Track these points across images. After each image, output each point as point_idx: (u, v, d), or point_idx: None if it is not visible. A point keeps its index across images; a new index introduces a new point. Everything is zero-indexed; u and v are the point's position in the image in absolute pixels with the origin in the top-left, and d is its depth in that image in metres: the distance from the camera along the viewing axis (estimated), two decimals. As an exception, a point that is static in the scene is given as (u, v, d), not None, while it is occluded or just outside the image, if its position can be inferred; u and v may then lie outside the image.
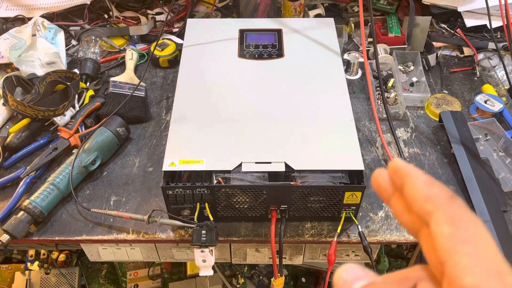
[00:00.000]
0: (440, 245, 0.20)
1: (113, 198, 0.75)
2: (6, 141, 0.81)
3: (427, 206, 0.22)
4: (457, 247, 0.20)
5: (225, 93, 0.76)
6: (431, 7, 1.05)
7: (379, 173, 0.25)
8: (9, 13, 1.08)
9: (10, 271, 1.30)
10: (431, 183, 0.22)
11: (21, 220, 0.68)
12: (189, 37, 0.89)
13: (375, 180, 0.26)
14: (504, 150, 0.80)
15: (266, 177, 0.65)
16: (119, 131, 0.80)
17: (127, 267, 1.30)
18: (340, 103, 0.74)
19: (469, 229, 0.20)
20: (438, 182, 0.23)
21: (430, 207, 0.21)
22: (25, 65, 0.91)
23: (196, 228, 0.66)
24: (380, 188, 0.25)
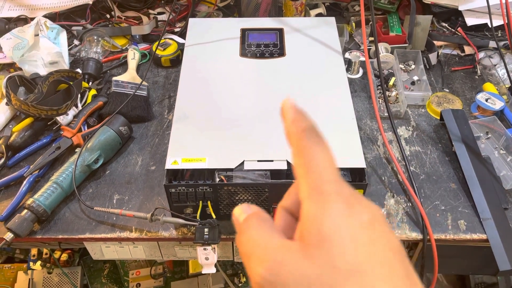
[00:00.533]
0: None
1: (116, 197, 0.75)
2: (9, 140, 0.82)
3: (293, 141, 0.28)
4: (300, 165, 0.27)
5: (227, 92, 0.77)
6: (432, 6, 1.05)
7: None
8: (11, 13, 1.09)
9: (12, 270, 1.30)
10: (293, 122, 0.29)
11: (25, 219, 0.69)
12: (191, 37, 0.89)
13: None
14: (505, 148, 0.80)
15: (268, 175, 0.65)
16: (121, 130, 0.80)
17: (129, 266, 1.31)
18: (341, 102, 0.75)
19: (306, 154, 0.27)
20: (299, 119, 0.29)
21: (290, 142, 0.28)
22: (28, 65, 0.92)
23: (198, 226, 0.66)
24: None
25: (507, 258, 0.66)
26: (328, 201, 0.24)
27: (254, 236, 0.26)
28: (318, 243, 0.23)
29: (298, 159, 0.27)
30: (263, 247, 0.25)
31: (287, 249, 0.24)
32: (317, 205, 0.24)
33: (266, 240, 0.26)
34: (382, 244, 0.24)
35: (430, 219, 0.71)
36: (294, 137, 0.28)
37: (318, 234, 0.23)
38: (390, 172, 0.79)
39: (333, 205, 0.24)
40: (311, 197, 0.25)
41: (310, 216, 0.24)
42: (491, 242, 0.68)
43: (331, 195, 0.24)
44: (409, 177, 0.76)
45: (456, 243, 0.71)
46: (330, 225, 0.23)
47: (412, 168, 0.79)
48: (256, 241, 0.26)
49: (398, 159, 0.80)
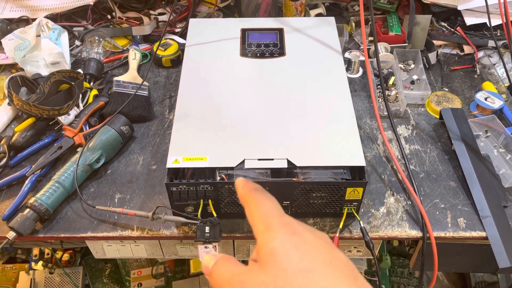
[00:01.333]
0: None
1: (117, 196, 0.76)
2: (11, 140, 0.82)
3: (242, 201, 0.36)
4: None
5: (227, 91, 0.77)
6: (431, 5, 1.06)
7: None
8: (13, 14, 1.09)
9: (14, 270, 1.31)
10: (243, 187, 0.36)
11: (27, 218, 0.69)
12: (191, 37, 0.90)
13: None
14: (505, 146, 0.80)
15: (268, 174, 0.66)
16: (123, 129, 0.81)
17: (130, 266, 1.31)
18: (341, 101, 0.75)
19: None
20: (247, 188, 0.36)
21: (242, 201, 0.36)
22: (29, 65, 0.93)
23: (199, 224, 0.67)
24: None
25: (506, 256, 0.67)
26: (275, 230, 0.31)
27: (222, 271, 0.32)
28: (269, 257, 0.29)
29: (249, 208, 0.34)
30: (230, 276, 0.31)
31: (247, 270, 0.30)
32: (267, 234, 0.31)
33: (232, 270, 0.31)
34: (326, 250, 0.29)
35: (430, 217, 0.72)
36: (245, 196, 0.35)
37: (268, 251, 0.30)
38: (389, 171, 0.79)
39: (279, 231, 0.31)
40: (263, 232, 0.31)
41: (262, 242, 0.31)
42: (491, 239, 0.69)
43: (277, 226, 0.31)
44: (408, 175, 0.76)
45: (455, 241, 0.72)
46: (277, 243, 0.30)
47: (412, 166, 0.80)
48: (224, 273, 0.32)
49: (398, 157, 0.81)
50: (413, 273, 1.25)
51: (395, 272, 1.25)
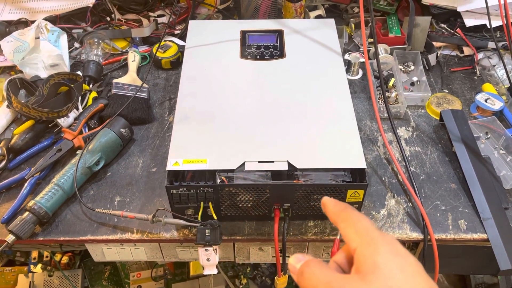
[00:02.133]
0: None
1: (117, 199, 0.76)
2: (10, 143, 0.82)
3: (334, 218, 0.38)
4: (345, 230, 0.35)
5: (227, 93, 0.77)
6: (430, 7, 1.06)
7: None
8: (12, 16, 1.09)
9: (13, 273, 1.30)
10: (335, 204, 0.38)
11: (26, 221, 0.69)
12: (191, 39, 0.90)
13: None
14: (505, 148, 0.80)
15: (269, 176, 0.66)
16: (122, 132, 0.81)
17: (130, 269, 1.31)
18: (341, 103, 0.75)
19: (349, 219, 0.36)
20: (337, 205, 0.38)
21: (335, 218, 0.37)
22: (28, 68, 0.92)
23: (200, 227, 0.66)
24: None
25: (507, 258, 0.67)
26: (378, 245, 0.32)
27: (317, 273, 0.33)
28: (373, 271, 0.31)
29: (346, 223, 0.35)
30: (327, 280, 0.32)
31: (347, 278, 0.32)
32: (369, 247, 0.32)
33: (328, 275, 0.33)
34: (426, 278, 0.31)
35: (431, 219, 0.72)
36: (340, 213, 0.37)
37: (373, 265, 0.31)
38: (390, 173, 0.79)
39: (383, 247, 0.32)
40: (364, 243, 0.33)
41: (365, 254, 0.32)
42: (492, 241, 0.68)
43: (380, 242, 0.32)
44: (409, 177, 0.76)
45: (456, 243, 0.72)
46: (381, 259, 0.31)
47: (412, 168, 0.79)
48: (320, 276, 0.33)
49: (398, 159, 0.80)
50: (413, 275, 1.24)
51: (395, 274, 1.24)
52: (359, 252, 0.33)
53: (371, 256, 0.32)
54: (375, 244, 0.32)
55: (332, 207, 0.38)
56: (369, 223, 0.35)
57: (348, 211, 0.37)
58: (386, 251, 0.32)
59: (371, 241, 0.33)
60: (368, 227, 0.34)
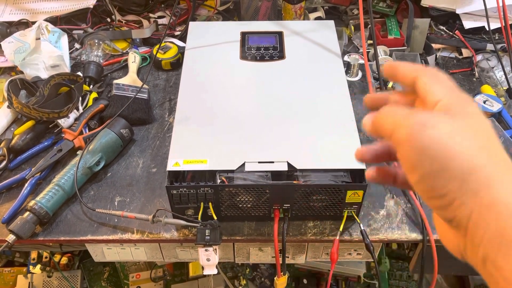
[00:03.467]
0: (418, 81, 0.33)
1: (117, 199, 0.76)
2: (11, 143, 0.82)
3: (414, 74, 0.33)
4: (428, 80, 0.32)
5: (227, 94, 0.77)
6: (430, 9, 1.06)
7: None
8: (13, 17, 1.09)
9: (12, 274, 1.30)
10: (414, 64, 0.34)
11: (27, 221, 0.69)
12: (191, 40, 0.90)
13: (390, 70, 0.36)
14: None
15: (269, 177, 0.66)
16: (122, 132, 0.81)
17: (129, 270, 1.30)
18: (341, 104, 0.75)
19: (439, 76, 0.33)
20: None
21: (416, 73, 0.33)
22: (29, 68, 0.92)
23: (200, 227, 0.67)
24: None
25: (506, 258, 0.67)
26: (469, 101, 0.30)
27: (395, 108, 0.31)
28: (465, 114, 0.29)
29: (430, 79, 0.32)
30: (406, 112, 0.30)
31: (432, 111, 0.30)
32: (461, 100, 0.30)
33: (405, 109, 0.31)
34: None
35: (430, 220, 0.72)
36: (418, 68, 0.33)
37: (464, 111, 0.29)
38: (389, 174, 0.79)
39: (472, 105, 0.30)
40: (454, 97, 0.30)
41: (456, 104, 0.30)
42: (490, 242, 0.69)
43: (470, 99, 0.31)
44: (408, 178, 0.76)
45: (455, 244, 0.72)
46: (473, 110, 0.30)
47: (412, 169, 0.80)
48: (398, 109, 0.31)
49: (398, 160, 0.81)
50: (412, 276, 1.25)
51: (394, 275, 1.25)
52: (446, 102, 0.30)
53: (462, 106, 0.30)
54: (465, 99, 0.30)
55: (406, 65, 0.34)
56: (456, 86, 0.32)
57: (428, 69, 0.33)
58: (476, 109, 0.30)
59: (461, 96, 0.31)
60: (456, 88, 0.32)
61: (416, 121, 0.29)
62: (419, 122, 0.28)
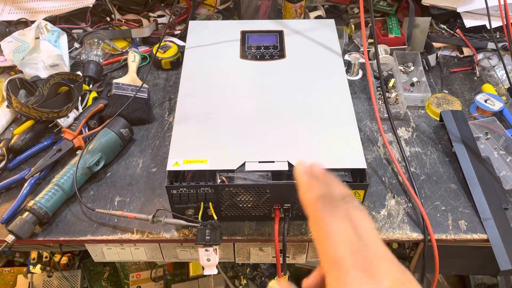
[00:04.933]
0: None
1: (117, 199, 0.76)
2: (10, 143, 0.82)
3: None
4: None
5: (227, 93, 0.77)
6: (430, 8, 1.06)
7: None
8: (12, 16, 1.09)
9: (12, 274, 1.30)
10: (307, 189, 0.30)
11: (26, 221, 0.69)
12: (191, 39, 0.90)
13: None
14: (505, 148, 0.80)
15: (269, 176, 0.65)
16: (122, 132, 0.81)
17: (129, 269, 1.30)
18: (342, 103, 0.75)
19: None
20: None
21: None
22: (28, 68, 0.92)
23: (200, 227, 0.66)
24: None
25: (507, 258, 0.67)
26: (346, 275, 0.25)
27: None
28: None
29: (315, 230, 0.28)
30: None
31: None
32: (336, 281, 0.26)
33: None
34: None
35: (431, 219, 0.72)
36: (309, 207, 0.29)
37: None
38: (390, 173, 0.79)
39: (351, 278, 0.25)
40: (331, 273, 0.26)
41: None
42: (492, 242, 0.68)
43: (348, 269, 0.25)
44: (409, 177, 0.76)
45: (456, 243, 0.72)
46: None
47: (412, 169, 0.79)
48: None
49: (398, 160, 0.80)
50: (413, 275, 1.24)
51: (394, 274, 1.25)
52: (328, 283, 0.26)
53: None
54: (343, 275, 0.25)
55: (303, 194, 0.30)
56: (341, 233, 0.27)
57: (318, 211, 0.28)
58: (358, 284, 0.25)
59: (338, 270, 0.26)
60: (337, 244, 0.26)
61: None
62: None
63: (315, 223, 0.28)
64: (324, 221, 0.27)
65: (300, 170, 0.31)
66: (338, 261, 0.26)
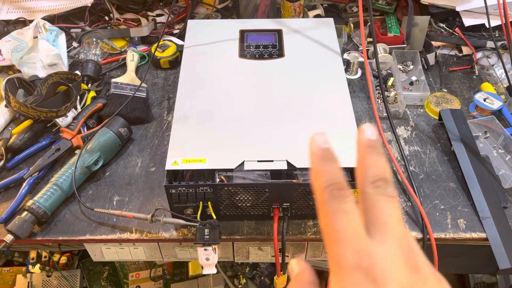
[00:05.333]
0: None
1: (116, 198, 0.75)
2: (9, 143, 0.82)
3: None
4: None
5: (226, 92, 0.77)
6: (429, 6, 1.06)
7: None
8: (10, 15, 1.09)
9: (11, 274, 1.30)
10: (317, 175, 0.27)
11: (25, 220, 0.68)
12: (189, 38, 0.89)
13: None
14: (504, 147, 0.80)
15: (268, 175, 0.65)
16: (121, 131, 0.80)
17: (128, 269, 1.30)
18: (340, 102, 0.75)
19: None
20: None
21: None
22: (27, 67, 0.92)
23: (199, 227, 0.66)
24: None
25: (506, 257, 0.67)
26: (347, 278, 0.24)
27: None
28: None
29: (322, 222, 0.26)
30: None
31: None
32: (337, 283, 0.24)
33: None
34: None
35: (430, 218, 0.72)
36: (317, 194, 0.27)
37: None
38: (389, 172, 0.79)
39: (352, 281, 0.23)
40: (333, 272, 0.25)
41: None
42: (491, 241, 0.68)
43: (350, 270, 0.24)
44: (408, 176, 0.76)
45: (456, 242, 0.72)
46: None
47: (412, 167, 0.79)
48: None
49: (398, 159, 0.80)
50: (412, 274, 1.25)
51: (394, 273, 1.25)
52: (331, 283, 0.25)
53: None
54: (344, 278, 0.24)
55: (313, 178, 0.27)
56: (347, 230, 0.25)
57: (326, 203, 0.26)
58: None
59: (340, 270, 0.24)
60: (342, 242, 0.25)
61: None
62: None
63: (323, 216, 0.26)
64: (333, 215, 0.25)
65: (313, 149, 0.28)
66: (341, 261, 0.24)
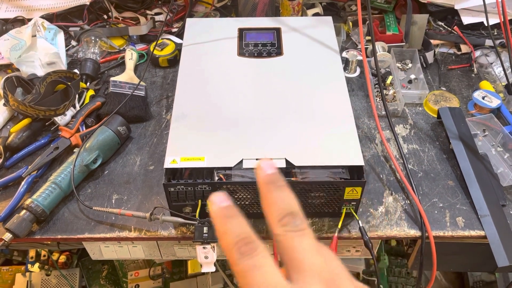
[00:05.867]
0: None
1: (114, 197, 0.75)
2: (7, 141, 0.81)
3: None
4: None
5: (225, 91, 0.77)
6: (428, 5, 1.06)
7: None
8: (8, 14, 1.09)
9: (10, 272, 1.30)
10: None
11: (24, 219, 0.68)
12: (188, 37, 0.89)
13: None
14: (502, 145, 0.80)
15: (267, 174, 0.65)
16: (120, 130, 0.80)
17: (128, 268, 1.30)
18: (339, 100, 0.75)
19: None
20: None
21: None
22: (25, 66, 0.92)
23: (198, 225, 0.66)
24: None
25: (505, 255, 0.67)
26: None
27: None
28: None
29: (240, 284, 0.26)
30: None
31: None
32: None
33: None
34: None
35: (428, 216, 0.72)
36: (228, 255, 0.27)
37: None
38: (388, 170, 0.79)
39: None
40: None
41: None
42: (489, 238, 0.69)
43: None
44: (407, 175, 0.76)
45: (454, 240, 0.72)
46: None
47: (410, 166, 0.79)
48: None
49: (396, 157, 0.81)
50: (411, 272, 1.25)
51: (392, 271, 1.25)
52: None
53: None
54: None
55: (218, 235, 0.27)
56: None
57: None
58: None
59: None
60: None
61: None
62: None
63: (237, 276, 0.26)
64: (243, 275, 0.26)
65: (213, 210, 0.27)
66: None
